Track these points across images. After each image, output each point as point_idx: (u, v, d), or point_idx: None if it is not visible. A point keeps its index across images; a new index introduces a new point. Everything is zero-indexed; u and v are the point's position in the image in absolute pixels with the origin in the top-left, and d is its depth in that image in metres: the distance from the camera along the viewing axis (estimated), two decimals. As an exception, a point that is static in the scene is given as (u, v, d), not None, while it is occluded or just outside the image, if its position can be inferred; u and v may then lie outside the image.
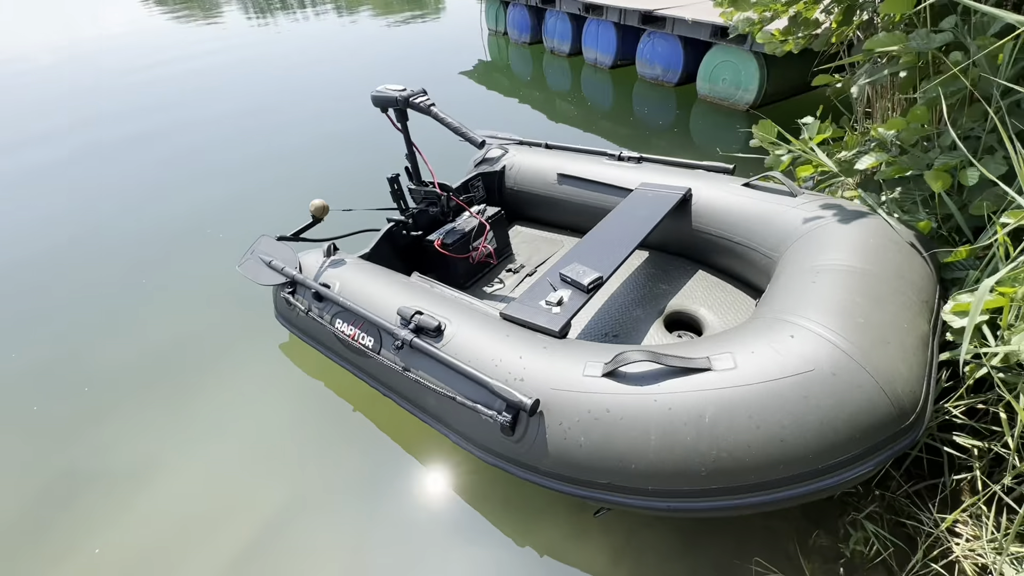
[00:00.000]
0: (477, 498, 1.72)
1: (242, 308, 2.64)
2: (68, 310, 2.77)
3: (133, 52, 8.82)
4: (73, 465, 1.94)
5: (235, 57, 7.93)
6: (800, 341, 1.20)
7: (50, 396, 2.25)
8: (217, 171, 4.22)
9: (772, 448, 1.10)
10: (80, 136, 5.16)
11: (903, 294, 1.34)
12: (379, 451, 1.91)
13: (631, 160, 2.34)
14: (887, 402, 1.11)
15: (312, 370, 2.25)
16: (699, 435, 1.13)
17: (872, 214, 1.62)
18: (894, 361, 1.17)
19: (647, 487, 1.18)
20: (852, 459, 1.11)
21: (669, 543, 1.53)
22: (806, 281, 1.40)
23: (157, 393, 2.22)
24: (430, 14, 9.91)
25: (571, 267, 1.69)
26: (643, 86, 5.19)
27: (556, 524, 1.61)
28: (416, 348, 1.51)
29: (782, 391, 1.12)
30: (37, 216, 3.77)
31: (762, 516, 1.55)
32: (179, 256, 3.16)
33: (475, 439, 1.45)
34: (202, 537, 1.68)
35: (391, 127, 2.09)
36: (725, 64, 4.29)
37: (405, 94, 1.95)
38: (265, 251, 2.06)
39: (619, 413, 1.19)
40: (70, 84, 7.16)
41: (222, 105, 5.76)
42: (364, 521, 1.68)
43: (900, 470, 1.52)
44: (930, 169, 1.61)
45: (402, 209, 2.25)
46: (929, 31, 1.61)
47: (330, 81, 6.37)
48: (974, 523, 1.34)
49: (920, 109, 1.65)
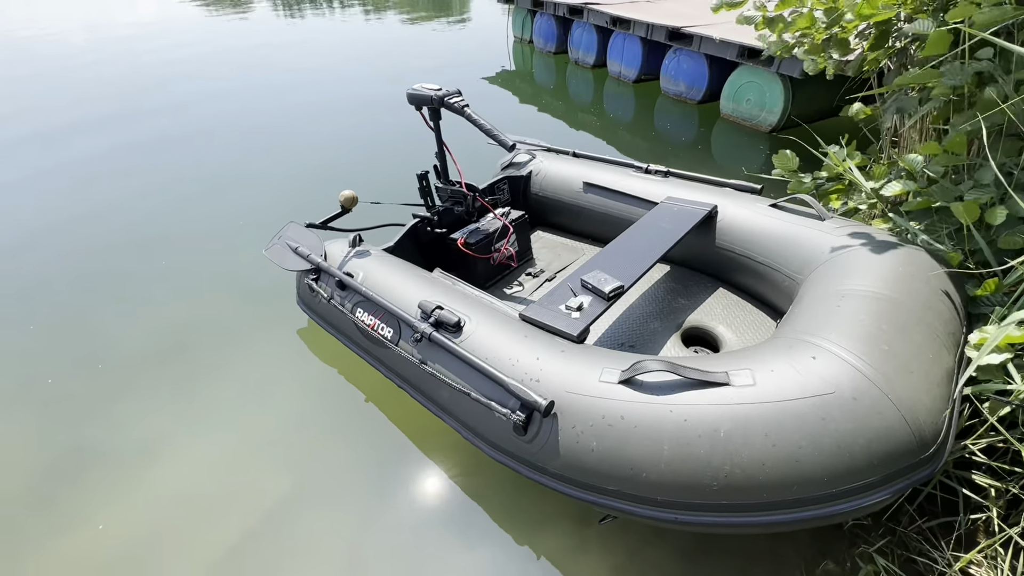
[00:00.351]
0: (481, 499, 1.71)
1: (259, 295, 2.67)
2: (88, 285, 2.80)
3: (167, 40, 8.97)
4: (84, 440, 1.96)
5: (264, 52, 8.04)
6: (822, 363, 1.18)
7: (65, 370, 2.27)
8: (250, 159, 4.28)
9: (787, 468, 1.08)
10: (118, 120, 5.24)
11: (929, 325, 1.32)
12: (388, 442, 1.92)
13: (658, 174, 2.35)
14: (908, 431, 1.10)
15: (327, 358, 2.27)
16: (713, 449, 1.12)
17: (901, 242, 1.61)
18: (917, 391, 1.15)
19: (656, 497, 1.17)
20: (868, 486, 1.09)
21: (672, 563, 1.50)
22: (831, 305, 1.39)
23: (170, 373, 2.24)
24: (455, 18, 10.00)
25: (593, 274, 1.69)
26: (666, 102, 5.19)
27: (557, 535, 1.60)
28: (435, 342, 1.52)
29: (800, 411, 1.11)
30: (67, 190, 3.84)
31: (769, 540, 1.53)
32: (200, 240, 3.19)
33: (487, 436, 1.45)
34: (207, 518, 1.69)
35: (422, 126, 2.11)
36: (750, 85, 4.29)
37: (440, 94, 1.96)
38: (292, 237, 2.09)
39: (633, 421, 1.19)
40: (110, 69, 7.28)
41: (259, 97, 5.84)
42: (367, 510, 1.68)
43: (914, 505, 1.50)
44: (960, 201, 1.59)
45: (428, 206, 2.27)
46: (962, 63, 1.60)
47: (353, 79, 6.44)
48: (988, 564, 1.31)
49: (959, 137, 1.63)
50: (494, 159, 2.88)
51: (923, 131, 2.17)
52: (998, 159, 1.63)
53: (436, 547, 1.59)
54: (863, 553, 1.45)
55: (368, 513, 1.69)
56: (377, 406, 2.04)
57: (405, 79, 6.14)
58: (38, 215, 3.52)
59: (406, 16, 10.40)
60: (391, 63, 7.08)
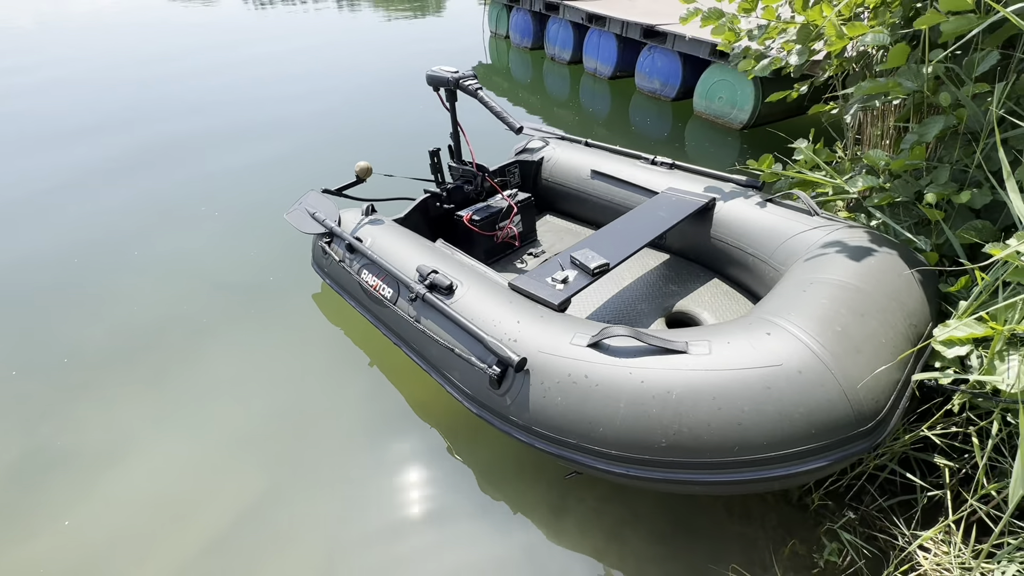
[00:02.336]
0: (460, 490, 1.73)
1: (234, 288, 2.62)
2: (55, 280, 2.71)
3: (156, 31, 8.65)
4: (50, 438, 1.90)
5: (226, 53, 7.83)
6: (775, 339, 1.27)
7: (29, 366, 2.20)
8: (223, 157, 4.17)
9: (730, 430, 1.18)
10: (109, 107, 5.05)
11: (890, 313, 1.39)
12: (385, 402, 2.01)
13: (664, 165, 2.44)
14: (846, 404, 1.18)
15: (333, 329, 2.31)
16: (664, 409, 1.21)
17: (881, 239, 1.68)
18: (861, 370, 1.23)
19: (611, 451, 1.27)
20: (806, 452, 1.18)
21: (649, 547, 1.55)
22: (799, 290, 1.47)
23: (141, 368, 2.19)
24: (431, 12, 9.91)
25: (582, 252, 1.79)
26: (641, 98, 5.26)
27: (534, 526, 1.63)
28: (428, 302, 1.66)
29: (747, 379, 1.20)
30: (38, 178, 3.70)
31: (739, 524, 1.59)
32: (173, 230, 3.12)
33: (466, 389, 1.57)
34: (179, 520, 1.66)
35: (424, 111, 2.19)
36: (722, 83, 4.38)
37: (456, 76, 2.08)
38: (311, 204, 2.23)
39: (596, 380, 1.30)
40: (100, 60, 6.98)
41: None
42: (348, 501, 1.68)
43: (875, 485, 1.58)
44: (920, 198, 1.67)
45: (438, 182, 2.38)
46: (919, 68, 1.67)
47: (322, 75, 6.33)
48: (943, 540, 1.40)
49: (918, 149, 1.72)
50: (510, 144, 2.97)
51: (884, 130, 2.27)
52: (956, 158, 1.72)
53: (419, 506, 1.62)
54: (828, 531, 1.53)
55: (350, 503, 1.69)
56: (381, 370, 2.13)
57: (394, 74, 6.10)
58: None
59: (383, 11, 10.25)
60: (381, 56, 6.98)
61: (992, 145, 1.61)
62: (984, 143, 1.61)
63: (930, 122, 1.68)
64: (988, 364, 1.24)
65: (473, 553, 1.57)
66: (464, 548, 1.59)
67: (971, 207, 1.62)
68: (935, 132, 1.64)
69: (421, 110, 4.85)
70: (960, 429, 1.40)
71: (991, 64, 1.53)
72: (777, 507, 1.62)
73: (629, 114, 4.92)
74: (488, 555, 1.57)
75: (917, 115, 1.88)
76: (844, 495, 1.60)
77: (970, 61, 1.60)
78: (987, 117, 1.58)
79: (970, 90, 1.60)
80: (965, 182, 1.67)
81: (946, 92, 1.62)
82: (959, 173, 1.71)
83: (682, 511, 1.63)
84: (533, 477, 1.75)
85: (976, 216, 1.68)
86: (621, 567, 1.52)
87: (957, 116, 1.64)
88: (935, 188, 1.67)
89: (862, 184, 1.87)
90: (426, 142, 2.37)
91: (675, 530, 1.59)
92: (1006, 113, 1.57)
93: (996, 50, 1.53)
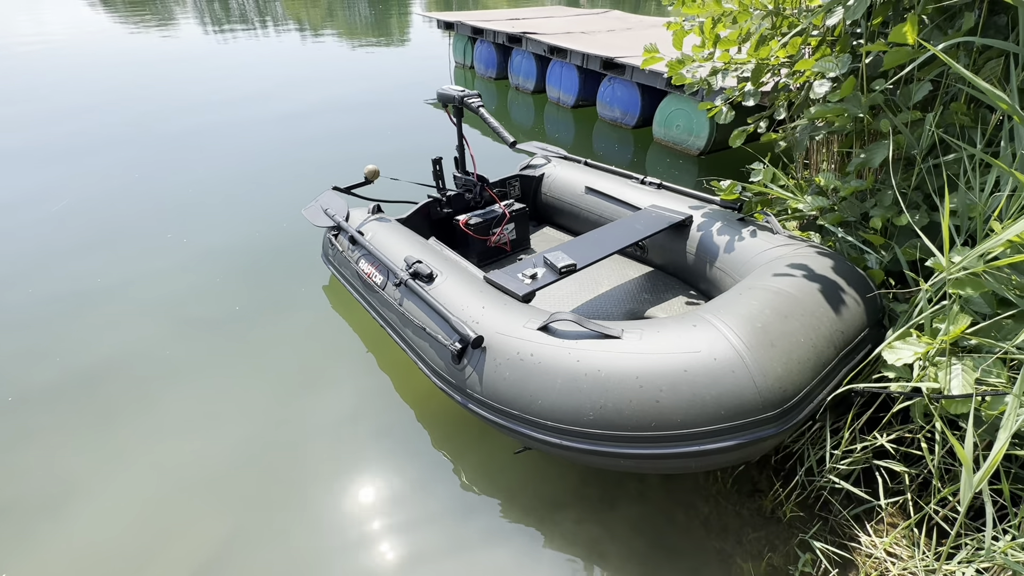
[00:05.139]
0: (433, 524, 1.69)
1: (193, 323, 2.53)
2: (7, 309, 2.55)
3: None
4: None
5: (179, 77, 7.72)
6: (699, 330, 1.41)
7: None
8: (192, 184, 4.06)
9: (648, 406, 1.31)
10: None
11: (815, 318, 1.50)
12: (361, 425, 1.92)
13: (652, 185, 2.59)
14: (754, 390, 1.30)
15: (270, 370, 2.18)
16: (594, 385, 1.36)
17: (830, 255, 1.79)
18: (773, 363, 1.34)
19: (547, 423, 1.41)
20: (715, 431, 1.30)
21: (626, 566, 1.55)
22: (736, 295, 1.58)
23: (90, 407, 2.06)
24: (395, 43, 10.06)
25: (554, 253, 1.96)
26: (603, 126, 5.45)
27: (514, 542, 1.60)
28: (409, 287, 1.85)
29: (667, 363, 1.34)
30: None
31: (716, 539, 1.60)
32: (134, 260, 2.99)
33: (434, 366, 1.73)
34: (169, 538, 1.56)
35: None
36: (679, 112, 4.59)
37: (462, 94, 2.32)
38: (325, 201, 2.49)
39: (539, 358, 1.45)
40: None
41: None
42: (318, 534, 1.62)
43: (839, 496, 1.63)
44: (867, 219, 1.79)
45: (439, 188, 2.60)
46: (861, 97, 1.81)
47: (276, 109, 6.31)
48: (907, 542, 1.45)
49: (869, 179, 1.87)
50: (517, 160, 3.19)
51: (829, 156, 2.42)
52: (898, 179, 1.85)
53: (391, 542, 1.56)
54: (801, 542, 1.56)
55: (321, 543, 1.63)
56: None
57: (348, 100, 6.12)
58: None
59: (346, 40, 10.34)
60: (330, 86, 7.00)
61: (927, 169, 1.75)
62: (919, 168, 1.75)
63: (875, 147, 1.81)
64: (929, 372, 1.32)
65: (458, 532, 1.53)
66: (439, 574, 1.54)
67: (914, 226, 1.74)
68: (881, 158, 1.77)
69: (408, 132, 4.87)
70: (911, 435, 1.48)
71: (924, 94, 1.67)
72: (752, 520, 1.64)
73: (592, 141, 5.08)
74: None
75: (859, 141, 2.02)
76: (813, 506, 1.65)
77: (906, 91, 1.75)
78: (920, 143, 1.72)
79: (907, 117, 1.73)
80: (905, 204, 1.80)
81: (885, 120, 1.75)
82: (901, 195, 1.84)
83: (660, 530, 1.64)
84: (508, 502, 1.73)
85: (915, 235, 1.81)
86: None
87: (896, 142, 1.78)
88: (879, 211, 1.79)
89: (814, 204, 1.99)
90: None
91: (653, 549, 1.59)
92: (937, 140, 1.71)
93: (928, 81, 1.68)
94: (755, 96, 2.20)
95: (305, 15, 12.63)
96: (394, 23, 12.48)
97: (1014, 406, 1.09)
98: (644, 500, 1.73)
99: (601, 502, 1.73)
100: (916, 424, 1.43)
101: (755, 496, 1.72)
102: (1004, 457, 1.36)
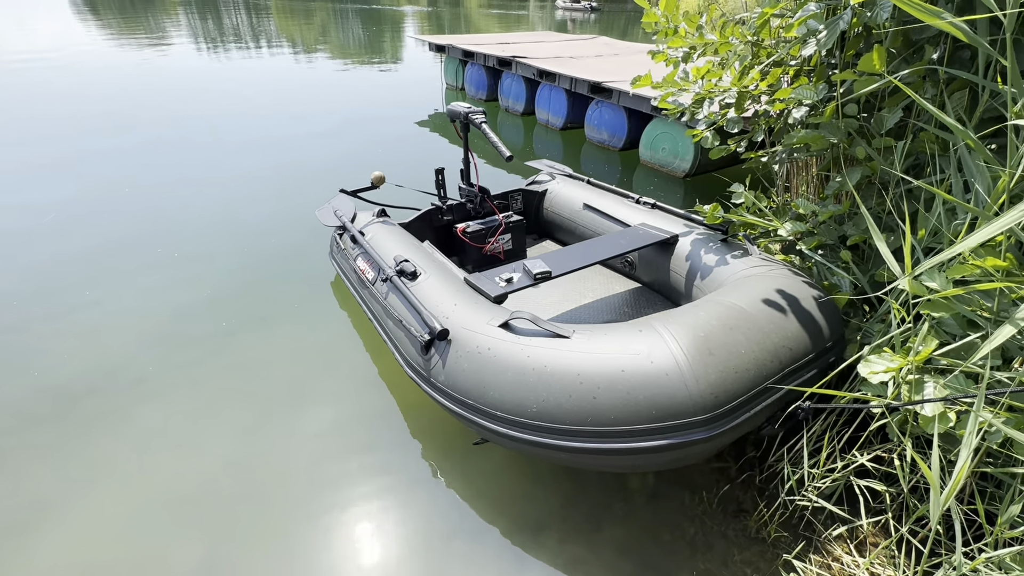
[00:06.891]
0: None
1: (168, 339, 2.50)
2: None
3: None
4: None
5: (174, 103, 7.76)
6: (643, 335, 1.47)
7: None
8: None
9: (586, 402, 1.38)
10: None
11: (762, 333, 1.54)
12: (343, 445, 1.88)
13: (646, 204, 2.65)
14: (686, 394, 1.35)
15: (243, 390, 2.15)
16: (539, 378, 1.44)
17: (796, 277, 1.83)
18: (708, 370, 1.39)
19: (496, 412, 1.49)
20: (647, 431, 1.35)
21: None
22: (692, 307, 1.62)
23: (63, 425, 2.02)
24: (388, 62, 10.20)
25: (533, 261, 2.04)
26: (591, 147, 5.55)
27: (497, 564, 1.59)
28: (393, 283, 1.97)
29: (607, 362, 1.41)
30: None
31: (703, 560, 1.60)
32: (115, 276, 2.96)
33: (407, 356, 1.83)
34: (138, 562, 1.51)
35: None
36: (664, 135, 4.70)
37: (467, 111, 2.50)
38: (335, 203, 2.65)
39: (495, 352, 1.54)
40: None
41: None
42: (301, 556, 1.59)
43: (823, 516, 1.64)
44: (844, 241, 1.84)
45: (440, 196, 2.74)
46: (838, 124, 1.88)
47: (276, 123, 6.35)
48: (888, 561, 1.46)
49: (846, 203, 1.94)
50: (527, 175, 3.32)
51: (808, 179, 2.49)
52: (873, 203, 1.91)
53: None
54: (785, 563, 1.56)
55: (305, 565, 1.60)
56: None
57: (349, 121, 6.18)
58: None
59: (339, 61, 10.46)
60: (327, 107, 7.07)
61: (900, 195, 1.81)
62: (892, 192, 1.81)
63: (851, 171, 1.87)
64: (905, 389, 1.34)
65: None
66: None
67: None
68: (855, 180, 1.83)
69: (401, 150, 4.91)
70: (888, 455, 1.50)
71: (894, 122, 1.74)
72: (737, 541, 1.65)
73: (581, 162, 5.17)
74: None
75: (836, 166, 2.09)
76: (797, 526, 1.66)
77: (879, 118, 1.82)
78: (897, 168, 1.78)
79: (880, 143, 1.80)
80: (880, 227, 1.85)
81: (860, 146, 1.82)
82: (876, 219, 1.90)
83: (645, 551, 1.64)
84: (491, 523, 1.72)
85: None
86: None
87: (871, 168, 1.84)
88: (856, 232, 1.84)
89: (793, 228, 2.04)
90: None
91: (639, 570, 1.59)
92: (910, 167, 1.78)
93: (899, 109, 1.75)
94: (738, 123, 2.27)
95: (299, 35, 12.79)
96: (387, 45, 12.68)
97: (973, 424, 1.11)
98: (629, 521, 1.73)
99: (587, 523, 1.72)
100: (893, 443, 1.46)
101: (740, 516, 1.72)
102: (981, 476, 1.39)
